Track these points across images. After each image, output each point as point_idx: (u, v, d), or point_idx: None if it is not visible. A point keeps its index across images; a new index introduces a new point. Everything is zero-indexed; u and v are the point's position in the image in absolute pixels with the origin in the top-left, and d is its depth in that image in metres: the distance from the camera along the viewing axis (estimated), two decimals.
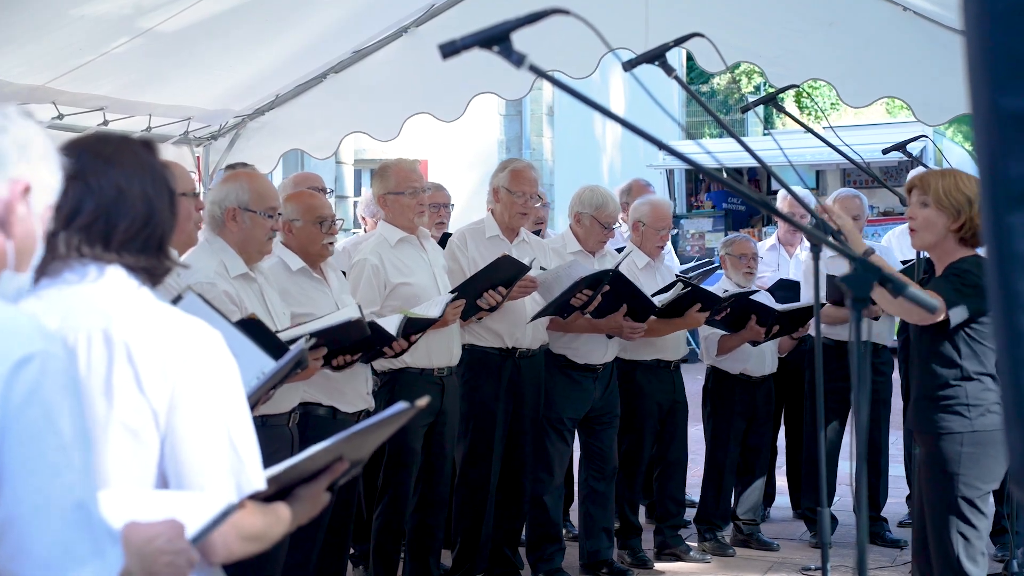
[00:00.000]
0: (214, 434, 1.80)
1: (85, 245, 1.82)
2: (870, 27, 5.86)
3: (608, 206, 5.46)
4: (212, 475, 1.80)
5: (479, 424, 5.16)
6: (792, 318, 5.83)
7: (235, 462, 1.82)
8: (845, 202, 6.06)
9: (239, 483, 1.82)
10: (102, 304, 1.80)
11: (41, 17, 4.17)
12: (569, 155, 16.45)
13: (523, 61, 1.89)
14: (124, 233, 1.84)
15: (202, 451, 1.80)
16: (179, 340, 1.81)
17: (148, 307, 1.85)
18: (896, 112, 21.04)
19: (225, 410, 1.83)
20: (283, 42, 5.60)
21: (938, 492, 3.72)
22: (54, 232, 1.78)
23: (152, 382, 1.78)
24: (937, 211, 3.70)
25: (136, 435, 1.78)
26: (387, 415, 1.97)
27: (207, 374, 1.82)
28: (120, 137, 1.95)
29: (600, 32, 2.08)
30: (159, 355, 1.79)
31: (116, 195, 1.85)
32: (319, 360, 3.86)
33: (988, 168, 1.10)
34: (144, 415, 1.78)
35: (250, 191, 3.83)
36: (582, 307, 5.12)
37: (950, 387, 3.70)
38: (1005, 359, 1.12)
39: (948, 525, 3.70)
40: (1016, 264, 1.09)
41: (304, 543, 4.11)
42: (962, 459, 3.65)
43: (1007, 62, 1.08)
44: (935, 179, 3.74)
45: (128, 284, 1.85)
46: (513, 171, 5.22)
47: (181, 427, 1.79)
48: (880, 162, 11.10)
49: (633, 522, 5.78)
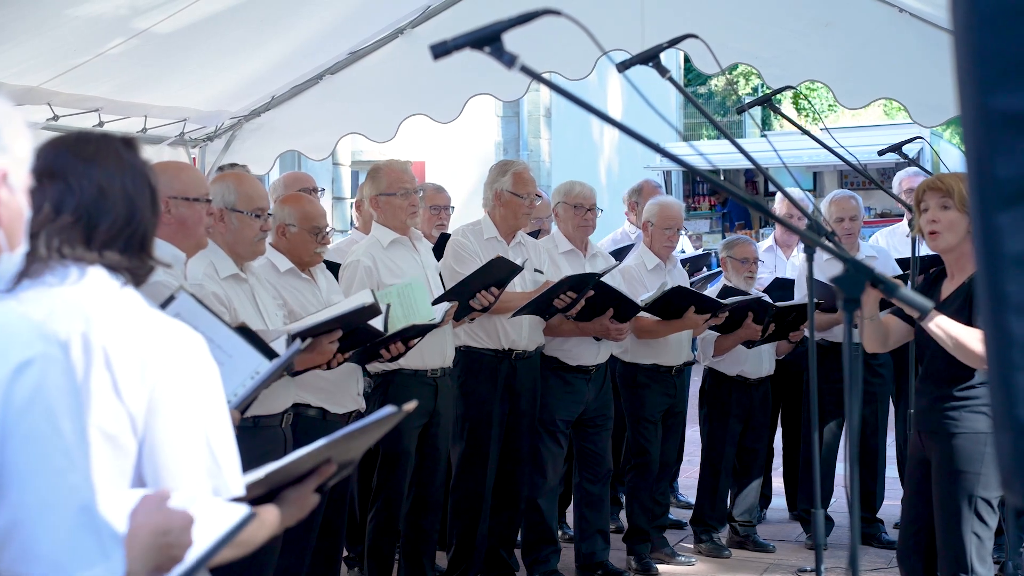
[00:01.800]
0: (192, 439, 1.80)
1: (66, 246, 1.81)
2: (866, 28, 5.86)
3: (575, 188, 5.53)
4: (189, 480, 1.79)
5: (475, 425, 5.16)
6: (787, 319, 5.83)
7: (212, 467, 1.81)
8: (841, 203, 6.05)
9: (216, 488, 1.81)
10: (82, 307, 1.79)
11: (36, 18, 4.17)
12: (566, 157, 16.44)
13: (515, 62, 1.88)
14: (106, 233, 1.83)
15: (179, 456, 1.79)
16: (158, 344, 1.81)
17: (128, 310, 1.83)
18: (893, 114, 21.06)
19: (204, 415, 1.82)
20: (279, 43, 5.60)
21: (956, 491, 3.70)
22: (35, 233, 1.77)
23: (129, 387, 1.77)
24: (961, 214, 3.71)
25: (113, 440, 1.77)
26: (375, 418, 1.97)
27: (186, 378, 1.81)
28: (100, 136, 1.94)
29: (594, 34, 2.08)
30: (137, 359, 1.78)
31: (97, 194, 1.83)
32: (335, 344, 3.87)
33: (977, 168, 1.10)
34: (121, 421, 1.77)
35: (237, 192, 3.83)
36: (564, 309, 5.12)
37: (975, 388, 3.69)
38: (994, 361, 1.12)
39: (962, 525, 3.68)
40: (1005, 265, 1.09)
41: (297, 545, 4.11)
42: (984, 459, 3.65)
43: (995, 62, 1.07)
44: (956, 181, 3.75)
45: (110, 285, 1.83)
46: (515, 174, 5.23)
47: (159, 431, 1.79)
48: (877, 164, 11.12)
49: (641, 526, 5.78)
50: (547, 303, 5.05)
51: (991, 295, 1.10)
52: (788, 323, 5.85)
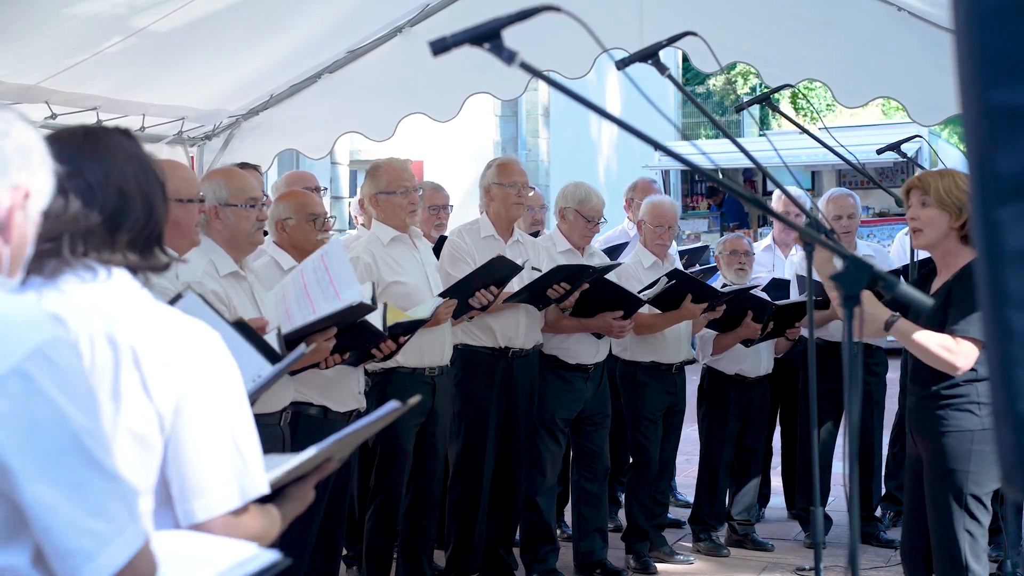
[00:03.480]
0: (219, 438, 1.78)
1: (92, 249, 1.79)
2: (865, 27, 5.86)
3: (591, 200, 5.49)
4: (216, 479, 1.78)
5: (473, 424, 5.16)
6: (785, 316, 5.83)
7: (240, 466, 1.80)
8: (838, 200, 6.06)
9: (243, 487, 1.80)
10: (104, 307, 1.77)
11: (34, 17, 4.16)
12: (565, 156, 16.44)
13: (514, 58, 1.88)
14: (128, 233, 1.82)
15: (207, 455, 1.78)
16: (184, 343, 1.79)
17: (151, 310, 1.82)
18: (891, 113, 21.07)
19: (229, 413, 1.81)
20: (277, 42, 5.59)
21: (946, 490, 3.72)
22: (57, 235, 1.75)
23: (159, 386, 1.75)
24: (939, 210, 3.76)
25: (142, 441, 1.76)
26: (379, 415, 1.97)
27: (212, 377, 1.80)
28: (103, 130, 1.92)
29: (594, 32, 2.08)
30: (165, 359, 1.76)
31: (118, 195, 1.81)
32: (331, 341, 3.87)
33: (977, 163, 1.10)
34: (150, 420, 1.76)
35: (227, 187, 3.85)
36: (558, 300, 5.12)
37: (960, 387, 3.71)
38: (995, 356, 1.11)
39: (955, 522, 3.70)
40: (1006, 259, 1.09)
41: (296, 543, 4.10)
42: (972, 456, 3.67)
43: (996, 58, 1.07)
44: (934, 179, 3.81)
45: (132, 286, 1.82)
46: (499, 165, 5.28)
47: (186, 431, 1.77)
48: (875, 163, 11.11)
49: (640, 525, 5.78)
50: (541, 292, 5.06)
51: (992, 290, 1.10)
52: (786, 321, 5.85)
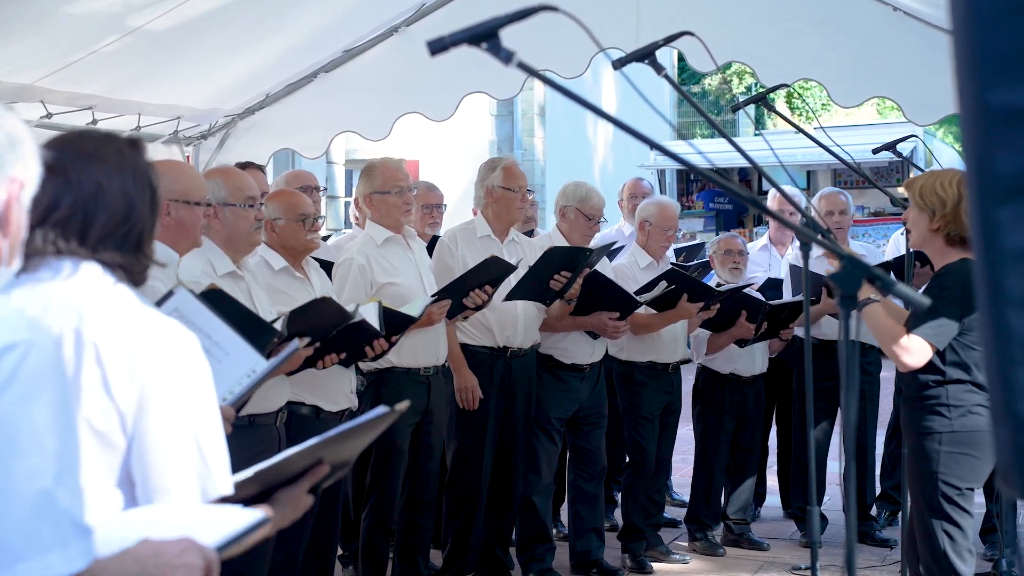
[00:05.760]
0: (181, 439, 1.79)
1: (61, 240, 1.80)
2: (861, 27, 5.87)
3: (592, 198, 5.49)
4: (177, 479, 1.79)
5: (470, 423, 5.16)
6: (780, 316, 5.83)
7: (201, 467, 1.81)
8: (830, 197, 6.12)
9: (205, 488, 1.81)
10: (75, 302, 1.78)
11: (30, 16, 4.15)
12: (561, 155, 16.44)
13: (512, 58, 1.88)
14: (101, 229, 1.83)
15: (168, 455, 1.78)
16: (149, 341, 1.80)
17: (121, 306, 1.82)
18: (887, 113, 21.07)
19: (193, 414, 1.81)
20: (273, 41, 5.59)
21: (921, 490, 3.80)
22: (32, 226, 1.76)
23: (120, 384, 1.76)
24: (919, 211, 3.78)
25: (103, 438, 1.76)
26: (367, 419, 1.96)
27: (176, 377, 1.80)
28: (103, 134, 1.94)
29: (591, 31, 2.08)
30: (128, 356, 1.77)
31: (95, 191, 1.83)
32: (309, 349, 3.87)
33: (975, 163, 1.10)
34: (111, 418, 1.76)
35: (225, 186, 3.84)
36: (561, 291, 5.12)
37: (932, 388, 3.77)
38: (993, 356, 1.11)
39: (932, 524, 3.77)
40: (1004, 260, 1.09)
41: (290, 542, 4.10)
42: (941, 457, 3.73)
43: (994, 57, 1.07)
44: (919, 180, 3.85)
45: (103, 281, 1.83)
46: (505, 168, 5.25)
47: (148, 430, 1.78)
48: (871, 162, 11.12)
49: (637, 524, 5.78)
50: (543, 285, 5.05)
51: (990, 290, 1.10)
52: (780, 321, 5.85)
